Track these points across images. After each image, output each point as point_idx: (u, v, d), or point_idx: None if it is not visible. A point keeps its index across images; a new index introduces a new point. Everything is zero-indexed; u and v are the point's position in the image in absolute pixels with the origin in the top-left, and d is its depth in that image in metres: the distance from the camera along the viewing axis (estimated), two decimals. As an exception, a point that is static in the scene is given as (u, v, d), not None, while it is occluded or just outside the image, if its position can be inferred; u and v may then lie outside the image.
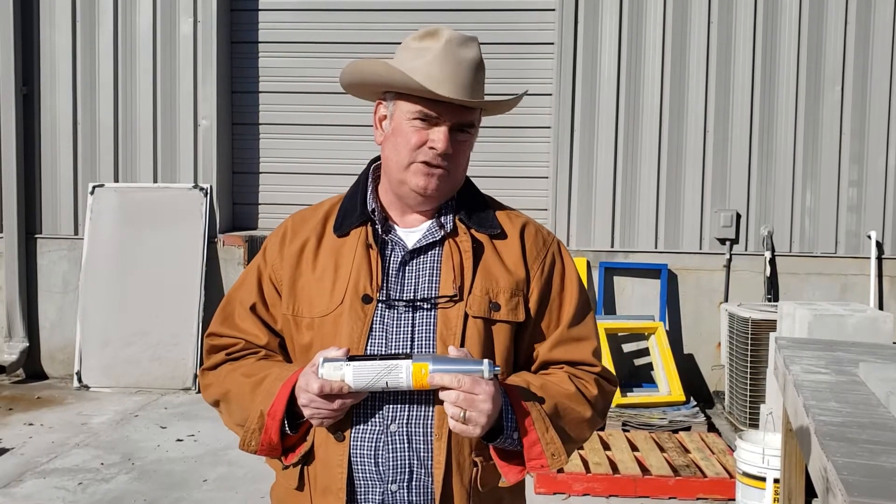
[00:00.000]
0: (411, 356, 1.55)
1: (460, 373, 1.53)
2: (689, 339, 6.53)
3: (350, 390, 1.55)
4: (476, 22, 6.65)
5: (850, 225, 6.41)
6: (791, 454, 3.29)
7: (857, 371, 2.82)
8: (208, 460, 4.97)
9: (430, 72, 1.64)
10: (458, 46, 1.67)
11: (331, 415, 1.59)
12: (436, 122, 1.68)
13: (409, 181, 1.71)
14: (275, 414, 1.63)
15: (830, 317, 4.55)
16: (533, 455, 1.62)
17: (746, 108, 6.41)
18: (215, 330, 1.84)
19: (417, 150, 1.68)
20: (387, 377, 1.54)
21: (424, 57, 1.66)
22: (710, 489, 4.48)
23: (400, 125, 1.70)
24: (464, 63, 1.66)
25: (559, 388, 1.70)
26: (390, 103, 1.74)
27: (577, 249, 6.45)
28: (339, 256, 1.74)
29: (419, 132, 1.68)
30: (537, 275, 1.76)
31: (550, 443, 1.62)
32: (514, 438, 1.62)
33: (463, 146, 1.72)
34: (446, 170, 1.70)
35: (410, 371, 1.53)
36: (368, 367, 1.55)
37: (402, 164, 1.70)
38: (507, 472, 1.66)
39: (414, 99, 1.68)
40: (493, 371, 1.54)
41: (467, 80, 1.66)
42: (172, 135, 6.79)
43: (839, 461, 1.88)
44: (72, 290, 6.82)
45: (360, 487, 1.67)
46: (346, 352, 1.58)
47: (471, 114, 1.70)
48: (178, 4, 6.72)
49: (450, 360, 1.56)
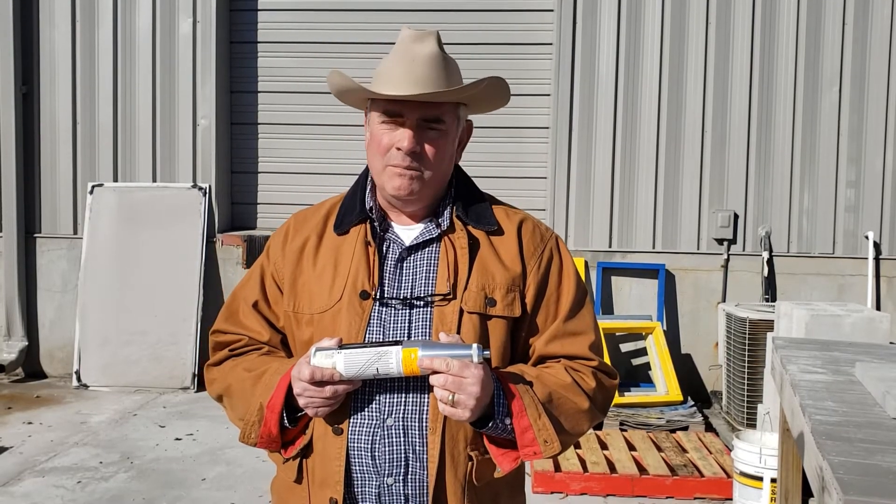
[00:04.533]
0: (401, 343, 1.57)
1: (450, 357, 1.55)
2: (687, 338, 6.54)
3: (341, 377, 1.58)
4: (475, 22, 6.66)
5: (848, 225, 6.42)
6: (788, 454, 3.30)
7: (854, 371, 2.83)
8: (207, 459, 4.98)
9: (386, 73, 1.68)
10: (413, 42, 1.69)
11: (325, 403, 1.61)
12: (401, 121, 1.70)
13: (385, 185, 1.73)
14: (273, 406, 1.66)
15: (827, 317, 4.56)
16: (525, 441, 1.62)
17: (744, 109, 6.42)
18: (219, 327, 1.88)
19: (388, 153, 1.70)
20: (377, 363, 1.57)
21: (386, 60, 1.71)
22: (708, 489, 4.49)
23: (373, 130, 1.74)
24: (418, 58, 1.68)
25: (554, 378, 1.71)
26: (369, 111, 1.77)
27: (574, 249, 6.46)
28: (338, 254, 1.77)
29: (388, 134, 1.71)
30: (534, 270, 1.78)
31: (543, 429, 1.63)
32: (505, 424, 1.63)
33: (436, 144, 1.72)
34: (417, 170, 1.71)
35: (400, 357, 1.56)
36: (359, 354, 1.57)
37: (378, 169, 1.74)
38: (501, 460, 1.67)
39: (379, 103, 1.71)
40: (481, 355, 1.56)
41: (424, 75, 1.66)
42: (171, 134, 6.80)
43: (835, 460, 1.89)
44: (71, 289, 6.83)
45: (357, 480, 1.69)
46: (338, 341, 1.61)
47: (436, 108, 1.70)
48: (177, 4, 6.73)
49: (439, 345, 1.58)
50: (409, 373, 1.57)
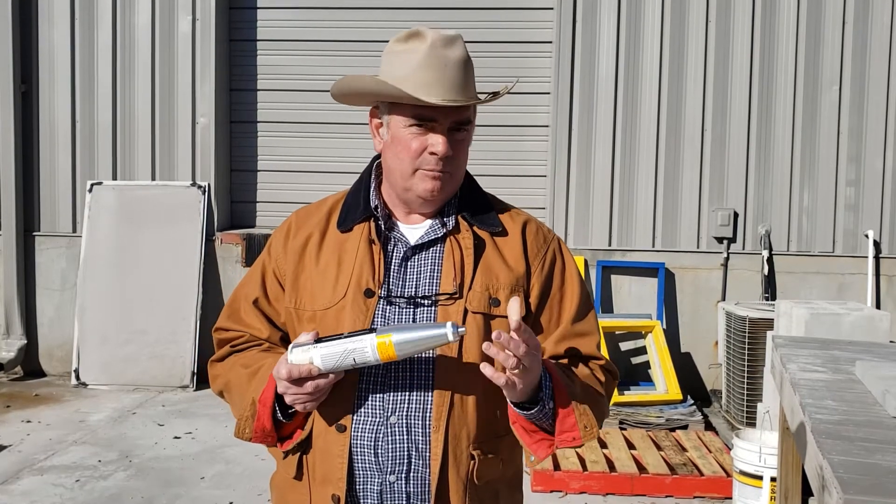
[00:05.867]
0: (374, 330, 1.57)
1: (424, 337, 1.55)
2: (687, 337, 6.54)
3: (320, 371, 1.58)
4: (474, 21, 6.65)
5: (848, 224, 6.42)
6: (788, 452, 3.30)
7: (854, 369, 2.83)
8: (206, 458, 4.98)
9: (418, 79, 1.65)
10: (443, 48, 1.67)
11: (309, 399, 1.62)
12: (432, 126, 1.69)
13: (416, 187, 1.73)
14: (265, 401, 1.67)
15: (827, 315, 4.56)
16: (566, 426, 1.63)
17: (744, 107, 6.41)
18: (222, 324, 1.89)
19: (419, 157, 1.70)
20: (353, 354, 1.57)
21: (410, 63, 1.66)
22: (707, 487, 4.49)
23: (398, 133, 1.72)
24: (450, 63, 1.67)
25: (580, 369, 1.76)
26: (384, 112, 1.75)
27: (574, 248, 6.45)
28: (342, 251, 1.77)
29: (417, 138, 1.69)
30: (538, 271, 1.79)
31: (584, 414, 1.64)
32: (549, 408, 1.63)
33: (461, 145, 1.74)
34: (449, 172, 1.72)
35: (375, 345, 1.56)
36: (334, 346, 1.58)
37: (407, 173, 1.72)
38: (536, 448, 1.66)
39: (407, 107, 1.69)
40: (457, 332, 1.55)
41: (457, 80, 1.67)
42: (171, 133, 6.79)
43: (835, 459, 1.89)
44: (70, 287, 6.82)
45: (360, 478, 1.69)
46: (314, 335, 1.61)
47: (465, 111, 1.72)
48: (176, 2, 6.72)
49: (412, 327, 1.59)
50: (385, 359, 1.57)
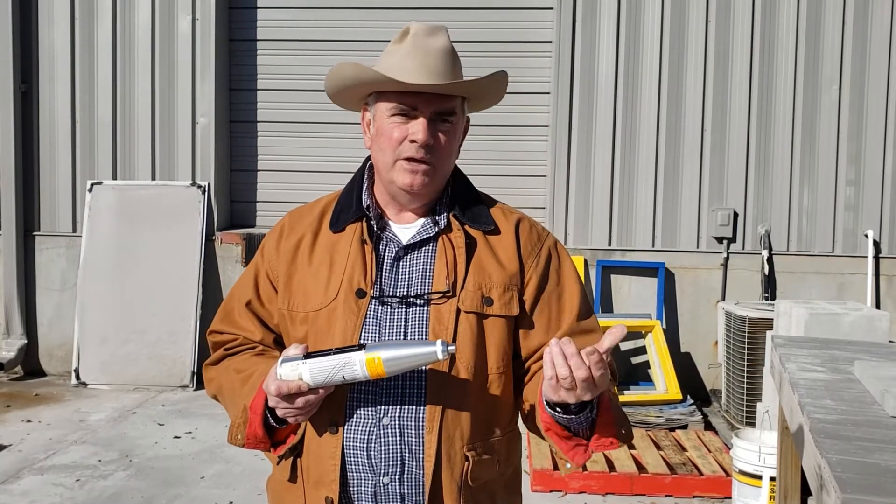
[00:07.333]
0: (364, 347, 1.57)
1: (413, 355, 1.54)
2: (686, 337, 6.54)
3: (309, 387, 1.57)
4: (474, 20, 6.65)
5: (848, 224, 6.42)
6: (787, 452, 3.30)
7: (853, 369, 2.83)
8: (205, 457, 4.98)
9: (401, 66, 1.67)
10: (425, 36, 1.70)
11: (300, 413, 1.61)
12: (414, 114, 1.69)
13: (396, 179, 1.72)
14: (256, 408, 1.66)
15: (827, 315, 4.56)
16: (605, 431, 1.60)
17: (744, 108, 6.41)
18: (216, 327, 1.89)
19: (400, 147, 1.70)
20: (342, 371, 1.56)
21: (396, 55, 1.69)
22: (707, 487, 4.49)
23: (381, 124, 1.73)
24: (432, 51, 1.68)
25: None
26: (372, 106, 1.76)
27: (574, 248, 6.46)
28: (334, 252, 1.76)
29: (399, 127, 1.70)
30: (532, 268, 1.78)
31: (621, 419, 1.64)
32: (592, 414, 1.60)
33: (446, 136, 1.72)
34: (430, 164, 1.71)
35: (364, 362, 1.55)
36: (323, 362, 1.57)
37: (388, 164, 1.72)
38: (573, 454, 1.63)
39: (390, 96, 1.70)
40: (446, 351, 1.55)
41: (438, 67, 1.68)
42: (171, 132, 6.79)
43: (833, 458, 1.89)
44: (70, 287, 6.83)
45: (353, 480, 1.69)
46: (304, 349, 1.60)
47: (449, 101, 1.71)
48: (176, 2, 6.72)
49: (402, 344, 1.59)
50: (375, 376, 1.57)
